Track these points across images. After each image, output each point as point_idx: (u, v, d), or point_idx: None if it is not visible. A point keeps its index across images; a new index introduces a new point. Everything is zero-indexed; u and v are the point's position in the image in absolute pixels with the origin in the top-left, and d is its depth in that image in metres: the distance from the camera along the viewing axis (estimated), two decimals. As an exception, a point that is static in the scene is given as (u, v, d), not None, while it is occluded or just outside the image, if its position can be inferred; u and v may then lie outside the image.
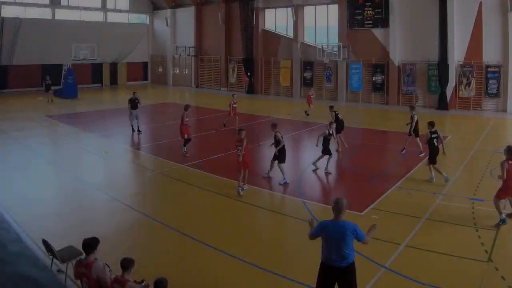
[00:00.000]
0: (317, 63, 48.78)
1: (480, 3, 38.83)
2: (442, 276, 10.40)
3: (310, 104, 37.00)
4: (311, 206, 15.39)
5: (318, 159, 19.99)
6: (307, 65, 49.91)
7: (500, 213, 13.13)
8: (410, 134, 23.18)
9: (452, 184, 17.70)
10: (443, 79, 40.25)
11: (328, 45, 47.17)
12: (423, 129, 20.48)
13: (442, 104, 40.42)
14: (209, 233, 13.10)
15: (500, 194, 13.32)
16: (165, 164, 21.09)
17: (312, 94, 38.41)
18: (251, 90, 54.01)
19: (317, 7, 49.49)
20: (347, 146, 23.70)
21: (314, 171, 20.01)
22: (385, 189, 17.12)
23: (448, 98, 40.58)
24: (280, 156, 18.12)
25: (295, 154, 23.70)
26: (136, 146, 26.17)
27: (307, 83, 50.06)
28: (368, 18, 45.33)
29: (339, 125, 23.76)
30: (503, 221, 13.05)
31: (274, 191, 17.18)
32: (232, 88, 56.85)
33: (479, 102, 40.00)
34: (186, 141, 22.74)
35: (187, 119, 22.90)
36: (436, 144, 18.10)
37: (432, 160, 18.17)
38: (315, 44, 48.94)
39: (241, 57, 54.54)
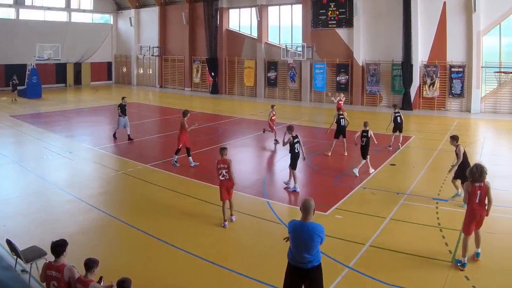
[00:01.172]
0: (281, 63, 46.95)
1: (444, 3, 37.42)
2: (407, 276, 10.18)
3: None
4: (275, 206, 14.90)
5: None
6: (271, 65, 48.00)
7: (464, 255, 10.84)
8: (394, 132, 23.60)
9: (416, 184, 17.27)
10: (407, 79, 38.77)
11: (292, 45, 45.47)
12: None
13: (406, 104, 38.80)
14: (173, 233, 12.72)
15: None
16: (129, 164, 20.40)
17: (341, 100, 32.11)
18: (215, 90, 51.94)
19: (281, 7, 47.68)
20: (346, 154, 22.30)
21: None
22: (350, 189, 16.71)
23: (412, 98, 39.08)
24: (290, 161, 16.91)
25: (259, 154, 23.03)
26: (100, 146, 24.80)
27: (271, 83, 48.42)
28: (332, 18, 43.65)
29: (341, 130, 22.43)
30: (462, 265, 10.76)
31: (238, 191, 15.97)
32: (196, 88, 55.06)
33: (443, 102, 38.57)
34: (178, 151, 20.29)
35: (187, 126, 20.18)
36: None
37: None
38: (279, 44, 47.04)
39: (205, 57, 52.58)
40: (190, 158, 20.04)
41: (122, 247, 11.96)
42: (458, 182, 15.07)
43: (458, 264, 10.61)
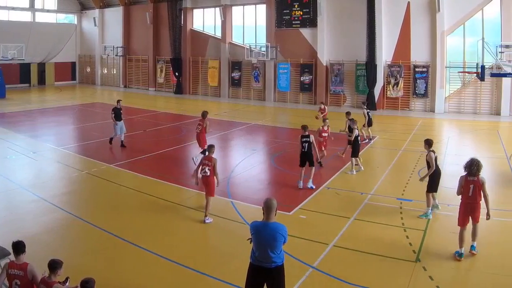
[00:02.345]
0: (245, 63, 44.59)
1: (408, 3, 35.75)
2: (371, 276, 9.84)
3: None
4: (239, 206, 14.33)
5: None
6: (235, 65, 45.59)
7: (461, 245, 10.67)
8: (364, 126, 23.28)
9: (381, 184, 16.77)
10: (371, 79, 36.95)
11: (256, 45, 43.27)
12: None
13: (370, 104, 36.35)
14: (137, 233, 12.13)
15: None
16: (93, 164, 19.49)
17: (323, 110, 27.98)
18: (179, 90, 49.33)
19: (245, 7, 45.35)
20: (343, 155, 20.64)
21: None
22: (313, 189, 15.95)
23: (376, 98, 37.27)
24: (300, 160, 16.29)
25: (223, 154, 21.79)
26: (63, 146, 23.45)
27: (235, 83, 46.05)
28: (296, 18, 41.51)
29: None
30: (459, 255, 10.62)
31: (202, 191, 14.73)
32: (160, 88, 52.34)
33: (407, 102, 36.88)
34: (204, 151, 19.05)
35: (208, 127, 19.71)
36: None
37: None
38: (243, 44, 44.67)
39: (169, 57, 49.85)
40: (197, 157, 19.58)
41: (86, 247, 11.41)
42: (432, 195, 13.62)
43: (456, 255, 10.45)
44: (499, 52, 28.20)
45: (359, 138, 18.87)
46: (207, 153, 16.30)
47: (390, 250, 10.93)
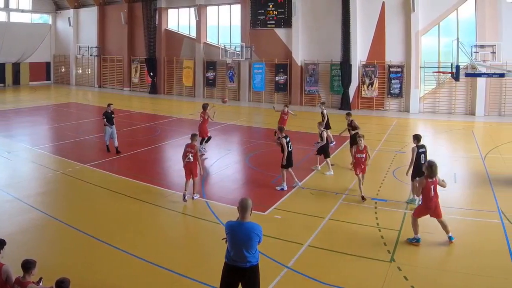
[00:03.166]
0: (220, 63, 42.60)
1: (383, 3, 34.32)
2: (345, 276, 9.58)
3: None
4: (214, 206, 13.85)
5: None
6: (210, 65, 43.54)
7: (416, 232, 11.03)
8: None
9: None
10: (346, 79, 35.46)
11: (231, 45, 41.40)
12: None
13: (345, 104, 35.49)
14: (112, 233, 11.72)
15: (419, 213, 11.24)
16: (68, 164, 18.70)
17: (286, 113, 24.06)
18: (153, 90, 47.13)
19: (220, 7, 43.35)
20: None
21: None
22: (288, 189, 15.38)
23: (351, 98, 35.78)
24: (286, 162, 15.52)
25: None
26: (38, 146, 22.46)
27: (209, 83, 44.02)
28: (270, 18, 39.73)
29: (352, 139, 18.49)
30: (416, 240, 11.03)
31: (177, 191, 14.99)
32: (135, 88, 49.97)
33: (381, 102, 35.42)
34: (208, 139, 20.94)
35: (212, 114, 20.85)
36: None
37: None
38: (218, 44, 42.65)
39: (144, 57, 47.62)
40: (205, 145, 20.74)
41: (60, 247, 11.01)
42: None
43: (413, 241, 10.75)
44: (474, 52, 27.78)
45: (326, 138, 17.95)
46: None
47: (365, 250, 10.59)
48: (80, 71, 55.96)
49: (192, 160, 14.09)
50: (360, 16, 35.15)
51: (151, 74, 47.10)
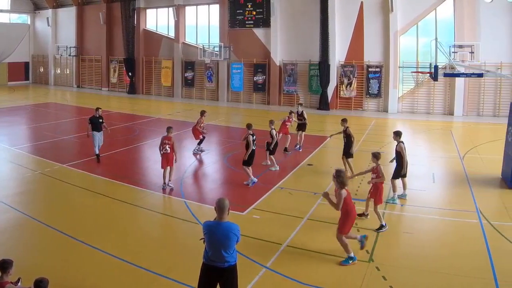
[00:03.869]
0: (198, 63, 40.82)
1: (361, 3, 32.93)
2: (324, 276, 9.13)
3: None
4: (192, 206, 13.36)
5: None
6: (189, 65, 41.73)
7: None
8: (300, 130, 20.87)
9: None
10: (324, 79, 33.95)
11: (209, 45, 39.42)
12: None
13: (323, 104, 34.06)
14: (91, 233, 11.17)
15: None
16: (46, 164, 17.92)
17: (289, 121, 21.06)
18: (132, 90, 45.06)
19: (199, 7, 41.51)
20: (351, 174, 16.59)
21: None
22: (267, 189, 14.92)
23: (330, 98, 34.29)
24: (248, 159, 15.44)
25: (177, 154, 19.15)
26: (16, 146, 21.55)
27: (188, 83, 42.19)
28: (249, 18, 38.06)
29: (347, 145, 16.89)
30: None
31: (155, 191, 14.72)
32: (113, 88, 47.82)
33: (360, 102, 34.01)
34: (201, 141, 20.35)
35: (202, 125, 20.12)
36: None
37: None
38: (197, 44, 40.82)
39: (122, 57, 45.47)
40: (200, 146, 20.29)
41: (39, 247, 10.54)
42: (397, 182, 13.75)
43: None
44: (452, 52, 26.68)
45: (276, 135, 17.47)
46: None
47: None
48: (59, 71, 53.59)
49: (169, 151, 14.59)
50: (339, 16, 33.72)
51: (130, 74, 45.07)
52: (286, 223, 11.96)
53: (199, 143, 20.22)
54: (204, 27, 41.72)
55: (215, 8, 40.23)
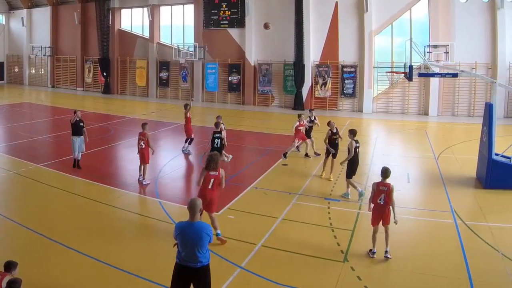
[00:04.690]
0: (173, 63, 38.56)
1: (336, 3, 31.19)
2: (299, 276, 8.70)
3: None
4: (167, 206, 12.63)
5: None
6: (163, 65, 39.43)
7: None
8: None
9: (308, 184, 14.92)
10: (299, 79, 32.17)
11: (184, 45, 37.31)
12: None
13: (298, 104, 32.24)
14: (65, 233, 10.51)
15: None
16: (21, 164, 17.05)
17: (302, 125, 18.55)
18: (107, 90, 42.57)
19: (173, 6, 39.24)
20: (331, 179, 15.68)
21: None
22: (242, 189, 14.25)
23: (304, 98, 32.53)
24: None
25: (152, 154, 17.74)
26: None
27: (163, 83, 39.87)
28: (224, 18, 35.98)
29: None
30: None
31: (130, 191, 14.10)
32: (88, 88, 45.12)
33: (335, 102, 32.24)
34: (191, 140, 19.17)
35: (188, 113, 19.12)
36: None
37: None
38: (171, 44, 38.51)
39: (97, 57, 42.98)
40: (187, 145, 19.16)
41: (14, 247, 9.92)
42: (350, 181, 13.33)
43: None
44: (427, 52, 25.68)
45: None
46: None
47: (318, 250, 9.82)
48: (34, 71, 50.59)
49: (144, 146, 14.35)
50: (314, 16, 31.99)
51: (105, 74, 42.60)
52: (261, 223, 11.39)
53: (189, 142, 19.13)
54: (178, 27, 39.46)
55: (190, 8, 38.09)
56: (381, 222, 9.43)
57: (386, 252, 9.32)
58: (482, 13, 28.09)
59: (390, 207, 9.36)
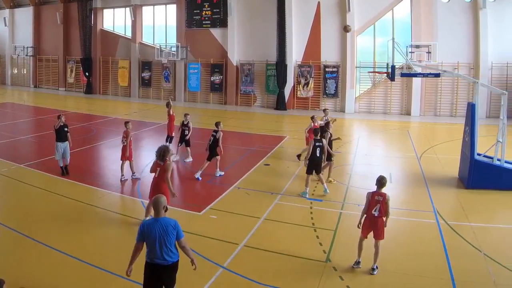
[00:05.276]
0: (155, 63, 36.95)
1: (318, 3, 29.94)
2: (281, 276, 8.40)
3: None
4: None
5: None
6: (145, 65, 37.73)
7: None
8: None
9: (291, 184, 14.35)
10: (281, 79, 30.79)
11: (166, 45, 35.77)
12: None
13: (280, 104, 30.90)
14: (48, 233, 10.09)
15: None
16: (3, 164, 16.32)
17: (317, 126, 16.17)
18: (89, 90, 40.74)
19: (156, 7, 37.61)
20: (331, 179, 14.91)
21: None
22: (224, 189, 13.67)
23: (287, 98, 31.18)
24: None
25: (134, 154, 16.74)
26: None
27: (145, 83, 38.15)
28: (206, 18, 34.55)
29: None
30: None
31: (112, 191, 13.36)
32: (71, 88, 43.18)
33: (317, 102, 30.93)
34: (170, 139, 18.07)
35: (171, 110, 18.24)
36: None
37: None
38: (154, 44, 37.02)
39: (79, 57, 41.16)
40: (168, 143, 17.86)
41: None
42: (307, 178, 12.97)
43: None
44: (410, 52, 24.83)
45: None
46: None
47: (301, 250, 9.42)
48: (16, 71, 48.45)
49: (125, 143, 14.10)
50: (296, 16, 30.68)
51: (87, 74, 40.79)
52: (243, 223, 11.02)
53: (170, 141, 18.09)
54: (161, 27, 37.84)
55: (172, 8, 36.52)
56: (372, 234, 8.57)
57: (373, 269, 8.44)
58: (464, 13, 27.09)
59: (384, 219, 8.49)
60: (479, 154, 13.73)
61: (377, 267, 8.44)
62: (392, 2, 28.41)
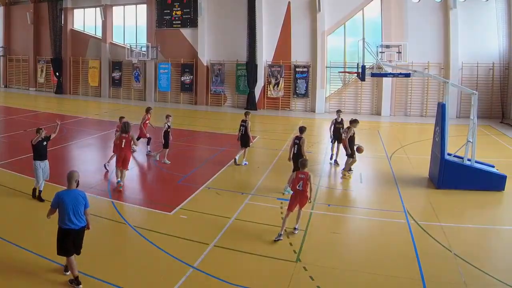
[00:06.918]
0: (125, 63, 33.28)
1: (289, 3, 27.05)
2: (252, 276, 7.77)
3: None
4: (119, 206, 11.08)
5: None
6: (116, 65, 34.03)
7: None
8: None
9: (261, 184, 12.93)
10: (252, 79, 27.83)
11: (136, 45, 32.16)
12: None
13: (251, 104, 27.91)
14: (20, 235, 9.21)
15: None
16: None
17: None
18: (59, 90, 36.67)
19: (126, 6, 33.92)
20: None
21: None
22: (194, 189, 12.32)
23: (257, 98, 28.22)
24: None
25: (104, 154, 17.03)
26: None
27: (115, 83, 34.45)
28: (176, 18, 31.22)
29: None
30: None
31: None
32: (41, 88, 38.94)
33: (287, 102, 28.07)
34: (138, 138, 16.02)
35: (147, 121, 16.47)
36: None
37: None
38: (124, 44, 33.39)
39: (50, 57, 37.10)
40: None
41: None
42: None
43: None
44: (380, 52, 22.75)
45: None
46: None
47: (271, 250, 8.59)
48: (-14, 72, 44.60)
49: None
50: (266, 15, 27.71)
51: (57, 74, 36.65)
52: (214, 223, 10.19)
53: (148, 143, 16.80)
54: (131, 27, 34.16)
55: (143, 8, 32.85)
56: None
57: (295, 228, 9.30)
58: (434, 13, 24.72)
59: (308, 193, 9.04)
60: (449, 154, 12.85)
61: (297, 228, 9.27)
62: (363, 2, 25.80)
